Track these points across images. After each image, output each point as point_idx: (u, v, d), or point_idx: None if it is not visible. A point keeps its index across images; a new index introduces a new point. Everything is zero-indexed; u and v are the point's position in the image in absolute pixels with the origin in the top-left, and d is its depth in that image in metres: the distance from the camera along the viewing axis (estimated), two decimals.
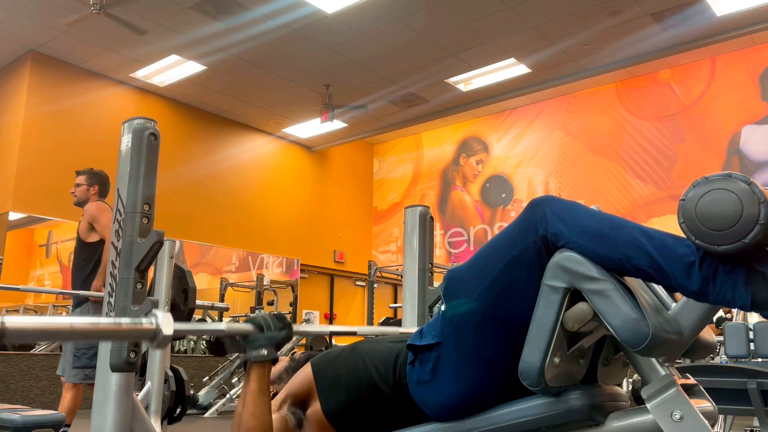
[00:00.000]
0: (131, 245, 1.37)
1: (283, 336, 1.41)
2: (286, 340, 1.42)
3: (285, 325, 1.42)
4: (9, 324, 0.97)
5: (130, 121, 1.46)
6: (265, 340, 1.39)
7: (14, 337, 0.98)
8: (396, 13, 6.65)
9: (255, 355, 1.39)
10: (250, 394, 1.39)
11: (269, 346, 1.40)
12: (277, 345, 1.41)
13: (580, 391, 1.27)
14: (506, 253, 1.29)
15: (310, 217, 10.12)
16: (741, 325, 4.43)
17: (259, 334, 1.40)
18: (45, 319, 1.04)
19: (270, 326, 1.40)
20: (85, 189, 3.92)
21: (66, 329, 1.06)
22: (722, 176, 1.14)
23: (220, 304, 5.46)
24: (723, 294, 1.12)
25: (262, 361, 1.40)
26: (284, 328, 1.42)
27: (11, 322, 0.97)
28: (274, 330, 1.40)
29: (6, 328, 0.97)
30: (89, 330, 1.10)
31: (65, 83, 7.66)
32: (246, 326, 1.41)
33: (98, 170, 4.04)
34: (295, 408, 1.52)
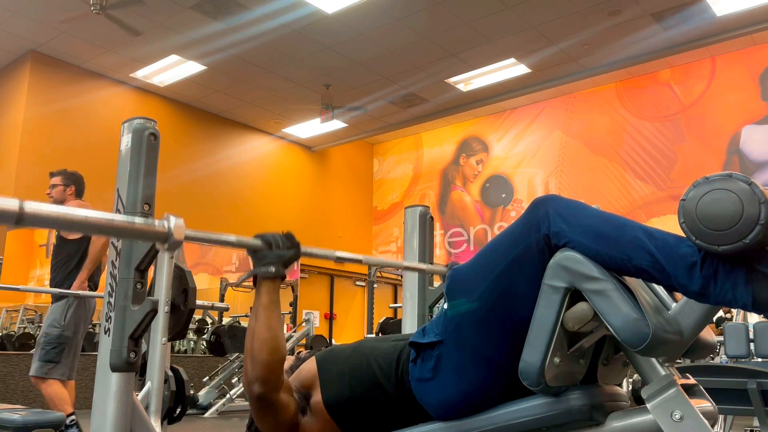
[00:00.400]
0: (131, 245, 1.37)
1: (291, 254, 1.44)
2: (293, 258, 1.45)
3: (293, 244, 1.45)
4: (27, 209, 1.01)
5: (130, 121, 1.46)
6: (274, 257, 1.42)
7: (31, 221, 1.01)
8: (396, 13, 6.65)
9: (264, 271, 1.42)
10: (261, 307, 1.41)
11: (277, 263, 1.42)
12: (284, 263, 1.43)
13: (580, 391, 1.27)
14: (508, 252, 1.29)
15: (310, 217, 10.12)
16: (741, 325, 4.43)
17: (268, 250, 1.42)
18: (62, 209, 1.08)
19: (279, 244, 1.43)
20: (62, 190, 3.89)
21: (81, 221, 1.09)
22: (723, 176, 1.14)
23: (220, 304, 5.45)
24: (724, 294, 1.12)
25: (270, 277, 1.42)
26: (293, 247, 1.44)
27: (30, 207, 1.01)
28: (282, 248, 1.43)
29: (24, 213, 1.00)
30: (103, 224, 1.12)
31: (65, 83, 7.66)
32: (255, 241, 1.44)
33: (73, 171, 4.00)
34: (299, 397, 1.53)
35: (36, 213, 1.02)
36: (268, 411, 1.40)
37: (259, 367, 1.36)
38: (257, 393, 1.37)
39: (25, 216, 1.00)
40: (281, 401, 1.41)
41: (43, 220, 1.04)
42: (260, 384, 1.36)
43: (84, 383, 6.25)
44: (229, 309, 5.06)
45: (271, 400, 1.38)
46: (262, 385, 1.36)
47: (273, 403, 1.39)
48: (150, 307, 1.32)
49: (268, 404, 1.39)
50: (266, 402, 1.38)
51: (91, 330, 7.35)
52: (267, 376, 1.37)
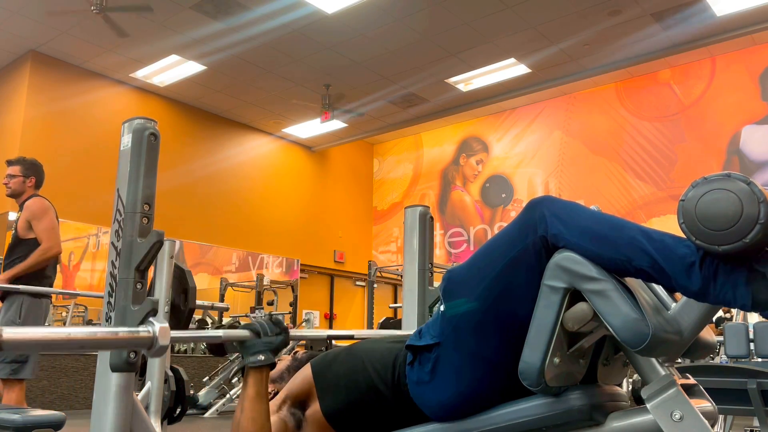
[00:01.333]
0: (131, 245, 1.37)
1: (280, 341, 1.42)
2: (282, 345, 1.43)
3: (282, 330, 1.43)
4: (6, 335, 0.97)
5: (130, 121, 1.46)
6: (263, 345, 1.40)
7: (11, 347, 0.98)
8: (396, 14, 6.65)
9: (252, 361, 1.40)
10: (248, 399, 1.39)
11: (266, 351, 1.41)
12: (274, 350, 1.42)
13: (580, 391, 1.27)
14: (505, 254, 1.29)
15: (310, 217, 10.12)
16: (741, 325, 4.43)
17: (256, 339, 1.41)
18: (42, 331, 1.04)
19: (267, 332, 1.41)
20: (21, 181, 3.69)
21: (63, 340, 1.07)
22: (722, 176, 1.14)
23: (220, 304, 5.45)
24: (724, 294, 1.12)
25: (259, 366, 1.40)
26: (281, 334, 1.43)
27: (8, 333, 0.98)
28: (270, 335, 1.41)
29: (3, 340, 0.97)
30: (86, 340, 1.11)
31: (65, 83, 7.66)
32: (243, 332, 1.42)
33: (32, 159, 3.79)
34: (295, 409, 1.52)
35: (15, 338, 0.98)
36: None
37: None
38: None
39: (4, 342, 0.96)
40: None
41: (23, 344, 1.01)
42: None
43: (84, 383, 6.25)
44: (229, 309, 5.06)
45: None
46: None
47: None
48: (150, 307, 1.32)
49: None
50: None
51: None
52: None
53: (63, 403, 5.99)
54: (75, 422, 3.67)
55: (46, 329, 1.05)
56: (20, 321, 3.44)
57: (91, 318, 7.68)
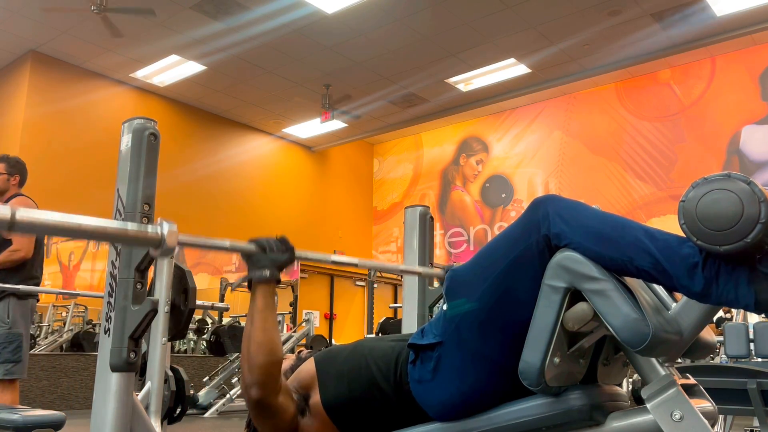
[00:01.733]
0: (131, 246, 1.37)
1: (286, 258, 1.44)
2: (288, 262, 1.45)
3: (287, 248, 1.46)
4: (19, 216, 1.00)
5: (130, 121, 1.46)
6: (268, 260, 1.42)
7: (23, 228, 1.00)
8: (396, 14, 6.65)
9: (258, 275, 1.42)
10: (257, 311, 1.40)
11: (272, 266, 1.42)
12: (279, 266, 1.44)
13: (580, 391, 1.27)
14: (508, 253, 1.29)
15: (310, 217, 10.12)
16: (741, 325, 4.43)
17: (262, 254, 1.42)
18: (55, 215, 1.05)
19: (273, 248, 1.44)
20: (5, 179, 3.63)
21: (74, 227, 1.08)
22: (722, 176, 1.14)
23: (220, 304, 5.45)
24: (726, 294, 1.12)
25: (265, 281, 1.41)
26: (287, 251, 1.45)
27: (22, 213, 1.00)
28: (276, 252, 1.43)
29: (16, 220, 0.99)
30: (96, 230, 1.11)
31: (65, 83, 7.66)
32: (249, 246, 1.43)
33: (16, 157, 3.74)
34: (299, 397, 1.52)
35: (28, 220, 1.01)
36: (266, 415, 1.40)
37: (257, 371, 1.35)
38: (255, 397, 1.36)
39: (17, 223, 0.99)
40: (280, 404, 1.40)
41: (35, 227, 1.03)
42: (258, 388, 1.36)
43: (84, 383, 6.25)
44: (229, 309, 5.05)
45: (269, 403, 1.38)
46: (260, 389, 1.36)
47: (271, 406, 1.38)
48: (150, 307, 1.32)
49: (267, 408, 1.38)
50: (264, 406, 1.38)
51: (91, 330, 7.35)
52: (265, 379, 1.36)
53: (63, 403, 5.99)
54: (75, 422, 3.67)
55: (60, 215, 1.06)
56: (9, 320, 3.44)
57: (91, 318, 7.69)
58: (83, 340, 7.03)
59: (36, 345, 7.02)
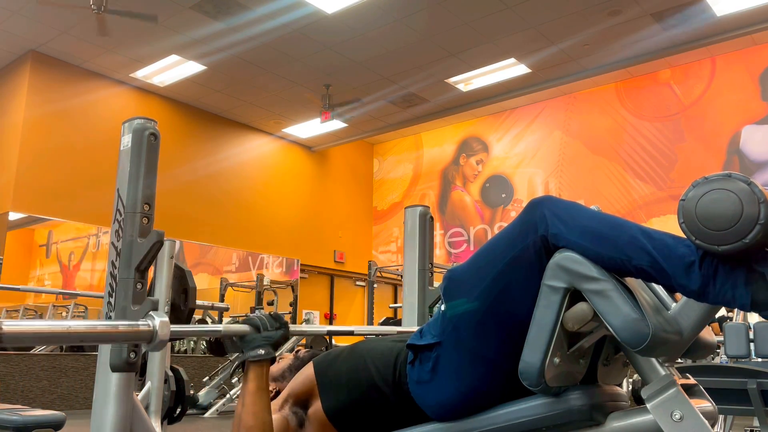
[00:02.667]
0: (131, 245, 1.37)
1: (280, 335, 1.43)
2: (282, 339, 1.44)
3: (281, 324, 1.44)
4: (6, 328, 0.97)
5: (130, 121, 1.46)
6: (262, 340, 1.41)
7: (11, 341, 0.98)
8: (396, 14, 6.65)
9: (252, 355, 1.41)
10: (248, 393, 1.40)
11: (266, 345, 1.42)
12: (274, 345, 1.43)
13: (580, 391, 1.27)
14: (506, 253, 1.29)
15: (310, 217, 10.12)
16: (741, 325, 4.43)
17: (256, 334, 1.42)
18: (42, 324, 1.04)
19: (267, 326, 1.42)
20: None
21: (63, 333, 1.07)
22: (722, 176, 1.14)
23: (220, 304, 5.46)
24: (723, 294, 1.12)
25: (259, 360, 1.41)
26: (281, 328, 1.44)
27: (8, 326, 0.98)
28: (270, 330, 1.42)
29: (3, 333, 0.97)
30: (86, 333, 1.11)
31: (65, 83, 7.66)
32: (243, 327, 1.43)
33: None
34: (297, 408, 1.53)
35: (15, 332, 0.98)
36: None
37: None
38: None
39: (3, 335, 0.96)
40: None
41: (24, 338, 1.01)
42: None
43: (84, 383, 6.25)
44: (229, 309, 5.06)
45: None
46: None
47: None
48: (150, 307, 1.32)
49: None
50: None
51: None
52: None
53: (63, 403, 5.99)
54: (75, 422, 3.67)
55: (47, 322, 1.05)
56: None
57: (91, 318, 7.69)
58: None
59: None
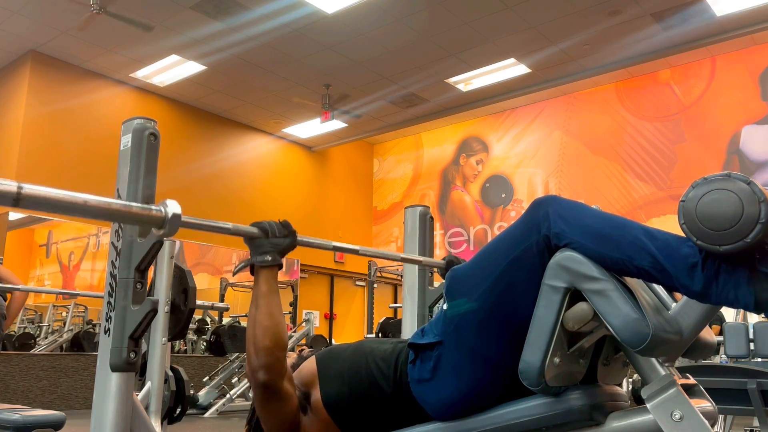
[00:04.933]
0: (131, 245, 1.37)
1: (288, 243, 1.45)
2: (290, 247, 1.45)
3: (290, 232, 1.46)
4: (25, 190, 1.00)
5: (130, 121, 1.46)
6: (270, 245, 1.43)
7: (29, 203, 1.01)
8: (396, 13, 6.65)
9: (260, 260, 1.43)
10: (261, 296, 1.41)
11: (273, 251, 1.43)
12: (281, 251, 1.44)
13: (580, 391, 1.27)
14: (508, 253, 1.29)
15: (310, 217, 10.12)
16: (741, 325, 4.44)
17: (264, 239, 1.43)
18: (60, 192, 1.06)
19: (275, 232, 1.44)
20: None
21: (79, 204, 1.08)
22: (722, 176, 1.14)
23: (220, 304, 5.46)
24: (726, 294, 1.12)
25: (268, 265, 1.42)
26: (289, 236, 1.45)
27: (28, 189, 1.00)
28: (279, 236, 1.44)
29: (22, 194, 0.99)
30: (101, 208, 1.13)
31: (65, 83, 7.66)
32: (252, 229, 1.44)
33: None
34: (300, 396, 1.53)
35: (34, 195, 1.02)
36: (272, 399, 1.40)
37: (263, 354, 1.36)
38: (262, 380, 1.37)
39: (23, 197, 1.00)
40: (285, 390, 1.40)
41: (41, 202, 1.04)
42: (265, 371, 1.36)
43: (84, 383, 6.25)
44: (229, 309, 5.06)
45: (275, 387, 1.38)
46: (266, 372, 1.36)
47: (277, 391, 1.39)
48: (150, 307, 1.32)
49: (273, 392, 1.39)
50: (271, 390, 1.38)
51: (91, 330, 7.36)
52: (271, 362, 1.37)
53: (63, 403, 5.99)
54: (75, 422, 3.67)
55: (66, 192, 1.06)
56: None
57: (91, 318, 7.69)
58: (83, 340, 7.03)
59: (36, 345, 7.02)
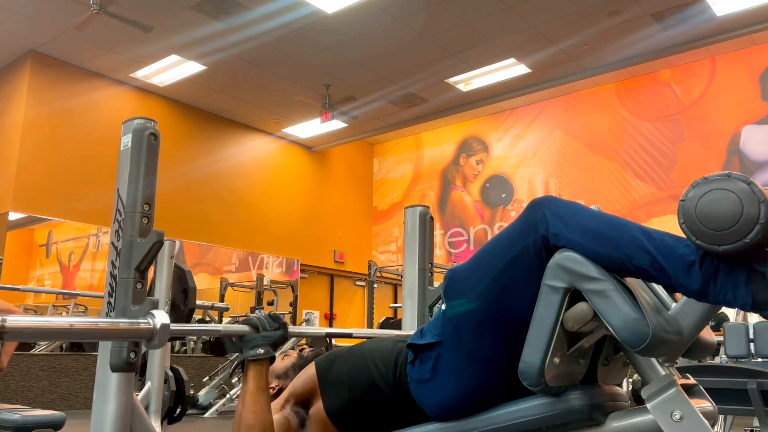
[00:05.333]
0: (131, 245, 1.37)
1: (279, 335, 1.45)
2: (281, 339, 1.46)
3: (280, 325, 1.46)
4: (9, 323, 0.98)
5: (130, 121, 1.46)
6: (261, 339, 1.43)
7: (14, 336, 0.99)
8: (396, 13, 6.65)
9: (252, 355, 1.43)
10: (249, 393, 1.41)
11: (265, 345, 1.43)
12: (273, 344, 1.45)
13: (580, 391, 1.27)
14: (506, 253, 1.29)
15: (310, 217, 10.12)
16: (741, 325, 4.44)
17: (255, 334, 1.43)
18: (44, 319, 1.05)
19: (266, 326, 1.44)
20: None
21: (65, 329, 1.08)
22: (721, 176, 1.14)
23: (220, 304, 5.46)
24: (724, 294, 1.12)
25: (259, 360, 1.42)
26: (279, 328, 1.46)
27: (11, 321, 0.99)
28: (269, 330, 1.44)
29: (6, 328, 0.98)
30: (88, 330, 1.12)
31: (65, 83, 7.66)
32: (242, 327, 1.45)
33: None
34: (298, 407, 1.53)
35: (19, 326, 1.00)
36: None
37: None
38: None
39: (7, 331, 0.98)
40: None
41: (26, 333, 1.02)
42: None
43: (84, 383, 6.25)
44: (229, 309, 5.06)
45: None
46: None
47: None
48: (150, 306, 1.32)
49: None
50: None
51: None
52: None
53: (63, 403, 5.99)
54: (75, 422, 3.67)
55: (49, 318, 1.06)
56: None
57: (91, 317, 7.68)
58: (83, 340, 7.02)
59: (36, 345, 7.02)
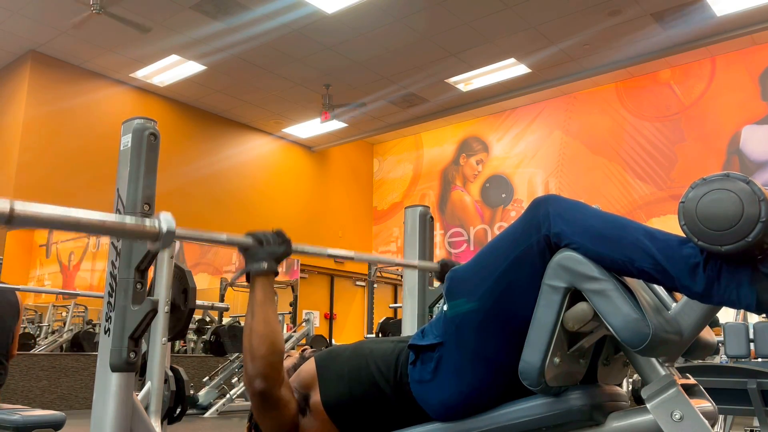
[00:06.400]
0: (131, 245, 1.37)
1: (283, 250, 1.46)
2: (285, 254, 1.47)
3: (284, 240, 1.47)
4: (18, 209, 0.99)
5: (130, 121, 1.46)
6: (265, 253, 1.44)
7: (22, 222, 0.99)
8: (396, 14, 6.65)
9: (256, 268, 1.44)
10: (257, 304, 1.42)
11: (269, 259, 1.44)
12: (276, 258, 1.46)
13: (580, 391, 1.27)
14: (509, 253, 1.29)
15: (310, 217, 10.12)
16: (741, 325, 4.43)
17: (259, 247, 1.44)
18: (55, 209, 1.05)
19: (269, 241, 1.45)
20: None
21: (72, 221, 1.08)
22: (721, 176, 1.13)
23: (220, 304, 5.46)
24: (728, 295, 1.12)
25: (263, 273, 1.43)
26: (283, 244, 1.47)
27: (21, 208, 0.99)
28: (273, 245, 1.45)
29: (15, 213, 0.98)
30: (96, 224, 1.12)
31: (65, 83, 7.66)
32: (246, 239, 1.45)
33: None
34: (299, 398, 1.53)
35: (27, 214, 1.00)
36: (269, 407, 1.40)
37: (260, 363, 1.36)
38: (259, 389, 1.37)
39: (16, 216, 0.98)
40: (283, 397, 1.41)
41: (34, 220, 1.03)
42: (261, 380, 1.36)
43: (84, 383, 6.24)
44: (229, 309, 5.06)
45: (272, 395, 1.38)
46: (263, 380, 1.36)
47: (274, 399, 1.39)
48: (150, 307, 1.32)
49: (270, 400, 1.39)
50: (268, 398, 1.38)
51: (91, 330, 7.35)
52: (268, 371, 1.37)
53: (63, 403, 5.99)
54: (75, 422, 3.67)
55: (59, 209, 1.05)
56: None
57: (91, 318, 7.69)
58: (83, 340, 7.03)
59: (36, 345, 7.02)
